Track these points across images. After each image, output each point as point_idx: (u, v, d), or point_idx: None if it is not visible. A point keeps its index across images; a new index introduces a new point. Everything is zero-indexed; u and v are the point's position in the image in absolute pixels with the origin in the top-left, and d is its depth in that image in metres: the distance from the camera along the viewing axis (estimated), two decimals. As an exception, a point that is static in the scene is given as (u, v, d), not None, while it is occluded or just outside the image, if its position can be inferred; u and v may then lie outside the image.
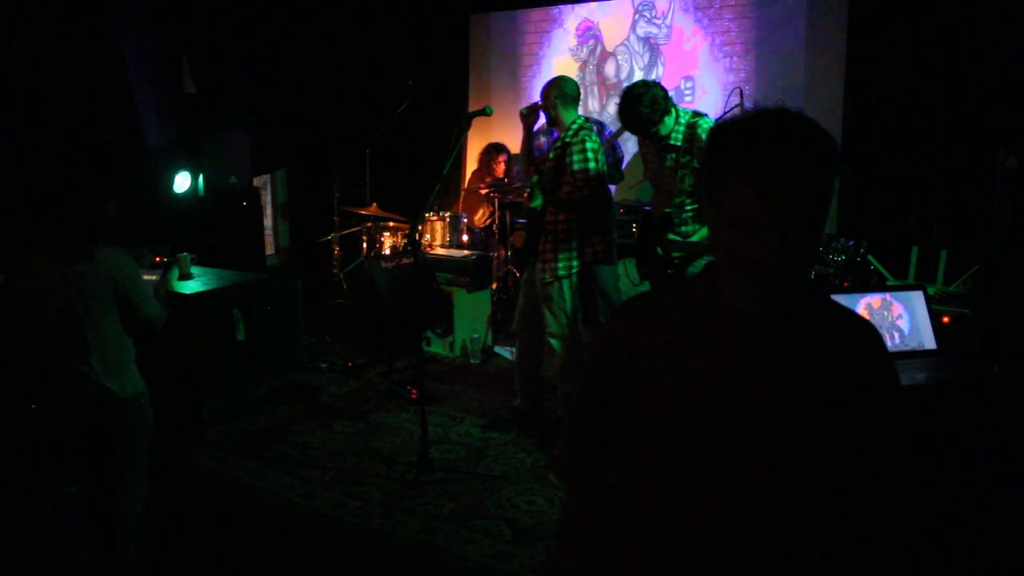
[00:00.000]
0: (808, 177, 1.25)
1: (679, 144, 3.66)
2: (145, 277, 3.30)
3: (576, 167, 3.91)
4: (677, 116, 3.68)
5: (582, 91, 4.61)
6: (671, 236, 3.73)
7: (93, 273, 3.01)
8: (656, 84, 3.65)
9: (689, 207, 3.72)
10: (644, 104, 3.56)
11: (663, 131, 3.65)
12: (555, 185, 3.97)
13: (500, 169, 6.53)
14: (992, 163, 4.64)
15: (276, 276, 5.62)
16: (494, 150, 6.58)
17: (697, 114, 3.72)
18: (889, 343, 2.72)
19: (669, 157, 3.72)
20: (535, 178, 4.04)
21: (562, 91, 4.02)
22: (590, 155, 3.91)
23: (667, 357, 1.35)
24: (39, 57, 5.24)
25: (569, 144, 3.95)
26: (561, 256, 4.02)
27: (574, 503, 1.56)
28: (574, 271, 4.05)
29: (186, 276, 4.67)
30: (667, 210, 3.74)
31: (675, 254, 3.74)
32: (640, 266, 4.05)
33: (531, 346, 4.32)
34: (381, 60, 7.24)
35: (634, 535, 1.40)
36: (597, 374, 1.49)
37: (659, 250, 3.78)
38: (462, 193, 6.91)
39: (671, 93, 3.82)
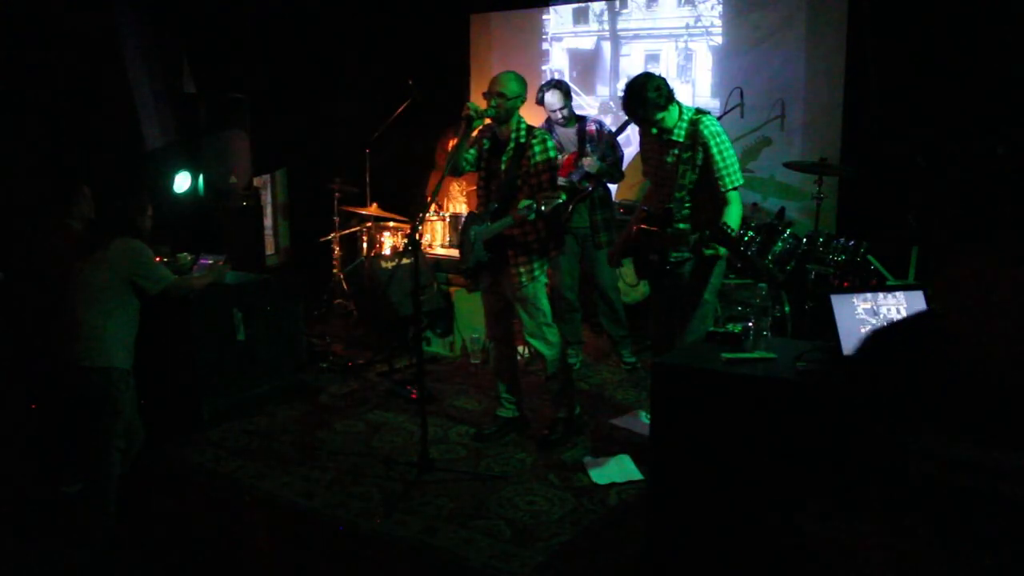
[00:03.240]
0: None
1: (681, 140, 3.66)
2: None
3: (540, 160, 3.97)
4: (681, 112, 3.68)
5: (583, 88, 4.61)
6: (670, 232, 3.73)
7: (103, 259, 3.44)
8: (659, 76, 3.66)
9: (688, 203, 3.72)
10: (650, 88, 3.56)
11: (668, 123, 3.65)
12: (513, 186, 3.99)
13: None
14: (992, 163, 4.64)
15: (276, 276, 5.62)
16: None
17: (700, 111, 3.72)
18: (889, 343, 2.72)
19: (671, 153, 3.72)
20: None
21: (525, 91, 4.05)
22: (555, 155, 4.00)
23: None
24: (39, 57, 5.24)
25: (529, 145, 3.98)
26: (535, 258, 4.03)
27: None
28: (544, 268, 4.10)
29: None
30: (668, 206, 3.74)
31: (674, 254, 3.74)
32: (638, 264, 4.04)
33: (507, 351, 4.32)
34: (381, 60, 7.23)
35: None
36: None
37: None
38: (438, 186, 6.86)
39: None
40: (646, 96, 3.56)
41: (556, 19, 6.94)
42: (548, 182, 3.91)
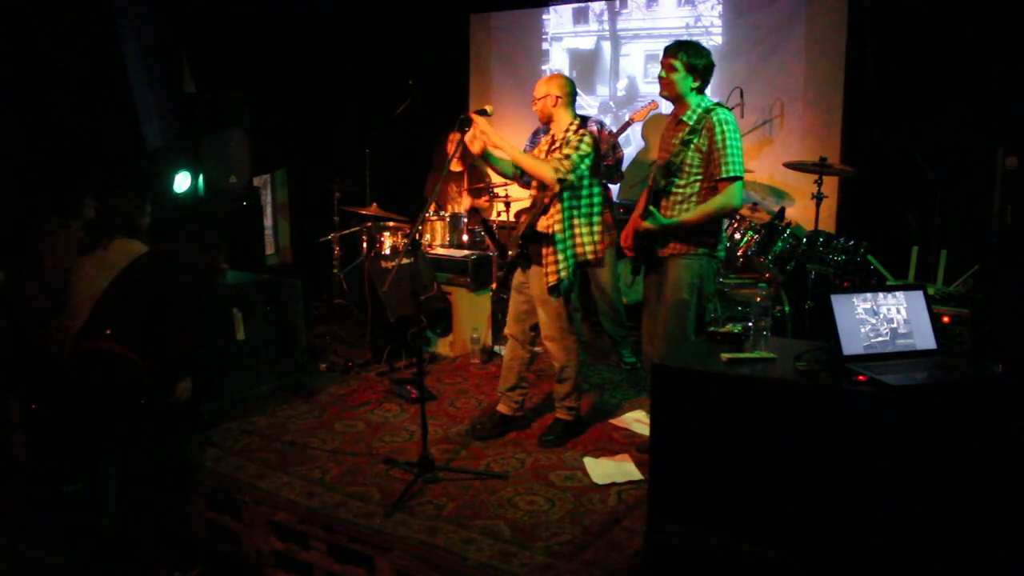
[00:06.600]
0: None
1: (691, 123, 3.69)
2: None
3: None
4: (701, 101, 3.72)
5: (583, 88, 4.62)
6: (651, 208, 3.74)
7: (103, 259, 3.45)
8: (709, 55, 3.76)
9: (678, 186, 3.74)
10: (697, 53, 3.67)
11: (682, 92, 3.70)
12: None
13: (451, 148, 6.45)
14: (992, 163, 4.65)
15: (276, 276, 5.62)
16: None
17: (717, 104, 3.76)
18: (889, 343, 2.72)
19: (679, 135, 3.73)
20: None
21: (564, 89, 4.02)
22: (584, 149, 3.90)
23: None
24: (39, 57, 5.24)
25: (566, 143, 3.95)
26: (560, 259, 4.01)
27: None
28: (571, 271, 4.06)
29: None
30: (662, 182, 3.76)
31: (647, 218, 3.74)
32: (633, 260, 4.05)
33: (520, 351, 4.31)
34: (381, 60, 7.24)
35: None
36: None
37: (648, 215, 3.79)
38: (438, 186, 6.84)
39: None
40: (688, 61, 3.65)
41: (556, 19, 6.95)
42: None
